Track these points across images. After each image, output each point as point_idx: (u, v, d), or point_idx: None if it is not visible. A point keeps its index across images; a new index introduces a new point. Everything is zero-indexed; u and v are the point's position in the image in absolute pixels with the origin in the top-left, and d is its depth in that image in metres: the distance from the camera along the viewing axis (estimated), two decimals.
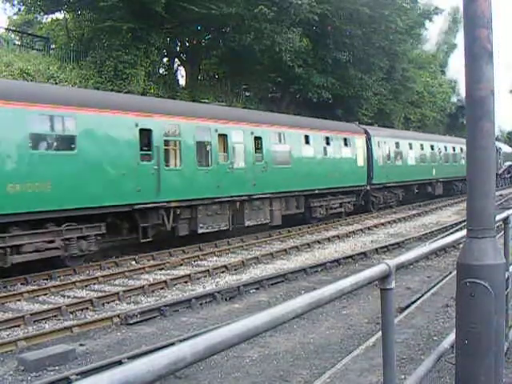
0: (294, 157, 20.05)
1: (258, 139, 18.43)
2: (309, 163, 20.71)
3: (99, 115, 13.24)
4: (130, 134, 13.91)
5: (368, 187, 25.04)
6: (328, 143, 22.36)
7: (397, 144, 27.98)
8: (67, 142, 12.59)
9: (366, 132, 25.68)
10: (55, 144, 12.42)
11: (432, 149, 32.48)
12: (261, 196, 18.26)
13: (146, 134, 14.40)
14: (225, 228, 17.08)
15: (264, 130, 18.69)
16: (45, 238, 12.16)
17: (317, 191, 21.25)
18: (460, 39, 35.79)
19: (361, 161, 24.57)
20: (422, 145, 31.12)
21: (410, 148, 29.46)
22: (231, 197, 16.98)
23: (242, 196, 17.46)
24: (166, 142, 15.17)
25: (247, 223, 17.99)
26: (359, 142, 24.71)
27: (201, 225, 16.06)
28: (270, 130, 19.05)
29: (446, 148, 35.02)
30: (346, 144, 23.63)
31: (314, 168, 20.86)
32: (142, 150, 14.25)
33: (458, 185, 35.88)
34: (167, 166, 15.04)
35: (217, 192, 16.41)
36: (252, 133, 18.08)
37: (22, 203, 11.41)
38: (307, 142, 20.98)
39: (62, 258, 12.70)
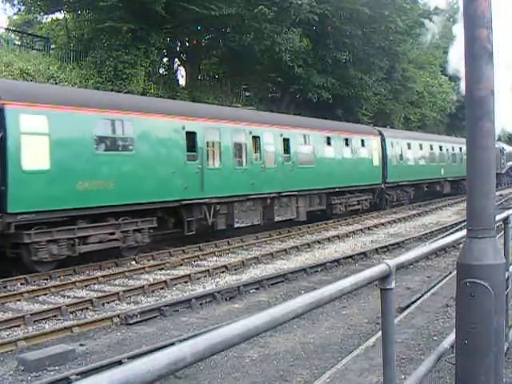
0: (317, 157, 21.40)
1: (286, 141, 19.75)
2: (330, 163, 22.13)
3: (152, 119, 14.61)
4: (178, 137, 15.30)
5: (383, 186, 26.36)
6: (347, 144, 23.80)
7: (408, 145, 29.24)
8: (127, 143, 14.01)
9: (381, 133, 26.93)
10: (116, 146, 13.88)
11: (440, 149, 33.63)
12: (288, 194, 19.57)
13: (191, 137, 15.71)
14: (257, 223, 18.40)
15: (291, 132, 20.00)
16: (106, 230, 13.49)
17: (337, 189, 22.58)
18: (458, 29, 35.79)
19: (376, 161, 25.88)
20: (431, 145, 32.35)
21: (421, 148, 30.73)
22: (263, 194, 18.40)
23: (271, 193, 18.82)
24: (208, 144, 16.50)
25: (276, 219, 19.31)
26: (374, 143, 26.00)
27: (236, 220, 17.48)
28: (296, 132, 20.32)
29: (453, 148, 35.84)
30: (362, 145, 24.96)
31: (334, 168, 22.32)
32: (188, 150, 15.57)
33: (464, 184, 35.93)
34: (209, 165, 16.35)
35: (250, 189, 17.78)
36: (281, 135, 19.45)
37: (88, 198, 12.79)
38: (329, 143, 22.41)
39: (121, 249, 14.02)
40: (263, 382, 6.38)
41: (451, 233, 15.66)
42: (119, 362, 6.65)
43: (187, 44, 29.85)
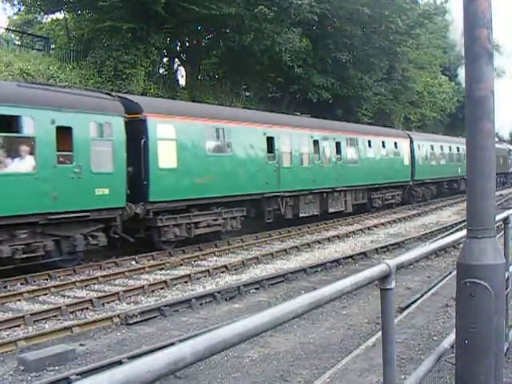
0: (362, 158, 25.03)
1: (338, 144, 23.39)
2: (371, 163, 25.69)
3: (243, 127, 17.90)
4: (261, 141, 18.55)
5: (411, 183, 29.72)
6: (383, 146, 27.33)
7: (432, 147, 32.92)
8: (226, 146, 17.23)
9: (410, 136, 30.39)
10: (220, 148, 17.12)
11: (458, 150, 36.32)
12: (339, 189, 22.95)
13: (270, 141, 18.99)
14: (316, 213, 21.60)
15: (341, 136, 23.68)
16: (212, 217, 16.58)
17: (376, 185, 26.12)
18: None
19: (406, 161, 29.33)
20: (450, 147, 35.68)
21: (441, 150, 34.25)
22: (321, 189, 21.63)
23: (327, 189, 22.11)
24: (282, 146, 19.67)
25: (330, 210, 22.48)
26: (405, 145, 29.45)
27: (301, 210, 20.60)
28: (345, 136, 23.97)
29: None
30: (395, 147, 28.48)
31: (374, 167, 25.82)
32: (268, 152, 18.83)
33: None
34: (283, 164, 19.63)
35: (312, 185, 21.08)
36: (334, 139, 23.11)
37: (202, 191, 15.97)
38: (370, 145, 25.99)
39: (221, 233, 17.15)
40: (263, 381, 6.38)
41: (451, 233, 15.66)
42: (119, 362, 6.64)
43: (187, 44, 29.84)
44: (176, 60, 30.62)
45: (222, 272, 13.04)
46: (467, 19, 3.33)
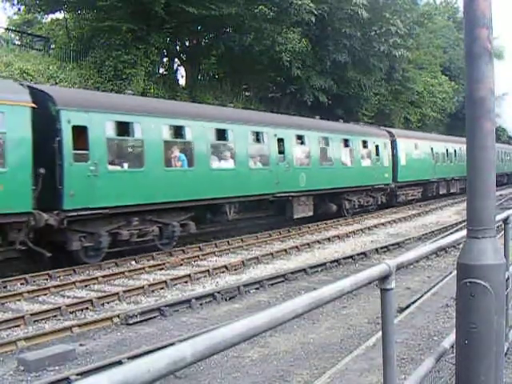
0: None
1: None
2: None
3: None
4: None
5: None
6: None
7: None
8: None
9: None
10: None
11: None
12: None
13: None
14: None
15: (379, 140, 26.49)
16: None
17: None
18: None
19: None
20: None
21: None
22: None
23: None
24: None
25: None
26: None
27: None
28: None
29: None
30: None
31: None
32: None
33: None
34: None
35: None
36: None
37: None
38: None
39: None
40: (263, 382, 6.38)
41: (451, 233, 15.65)
42: (119, 362, 6.64)
43: (187, 44, 29.83)
44: (176, 60, 30.61)
45: (222, 272, 13.04)
46: (467, 19, 3.33)
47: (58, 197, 12.29)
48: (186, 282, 11.98)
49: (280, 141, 19.36)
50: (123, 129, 14.25)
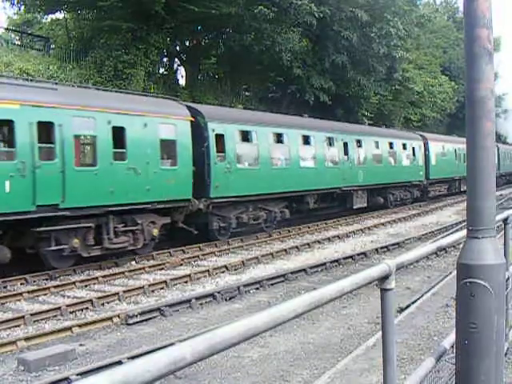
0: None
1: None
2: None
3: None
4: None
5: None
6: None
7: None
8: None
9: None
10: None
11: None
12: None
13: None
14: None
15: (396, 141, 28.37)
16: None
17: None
18: None
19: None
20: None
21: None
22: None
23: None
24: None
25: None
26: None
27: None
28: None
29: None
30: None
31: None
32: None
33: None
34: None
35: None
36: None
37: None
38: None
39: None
40: (263, 382, 6.38)
41: (451, 233, 15.65)
42: (119, 362, 6.64)
43: (187, 44, 29.84)
44: (176, 60, 30.62)
45: (222, 272, 13.04)
46: (467, 19, 3.33)
47: (206, 188, 16.12)
48: (186, 282, 11.98)
49: (345, 144, 23.63)
50: (245, 136, 18.37)
